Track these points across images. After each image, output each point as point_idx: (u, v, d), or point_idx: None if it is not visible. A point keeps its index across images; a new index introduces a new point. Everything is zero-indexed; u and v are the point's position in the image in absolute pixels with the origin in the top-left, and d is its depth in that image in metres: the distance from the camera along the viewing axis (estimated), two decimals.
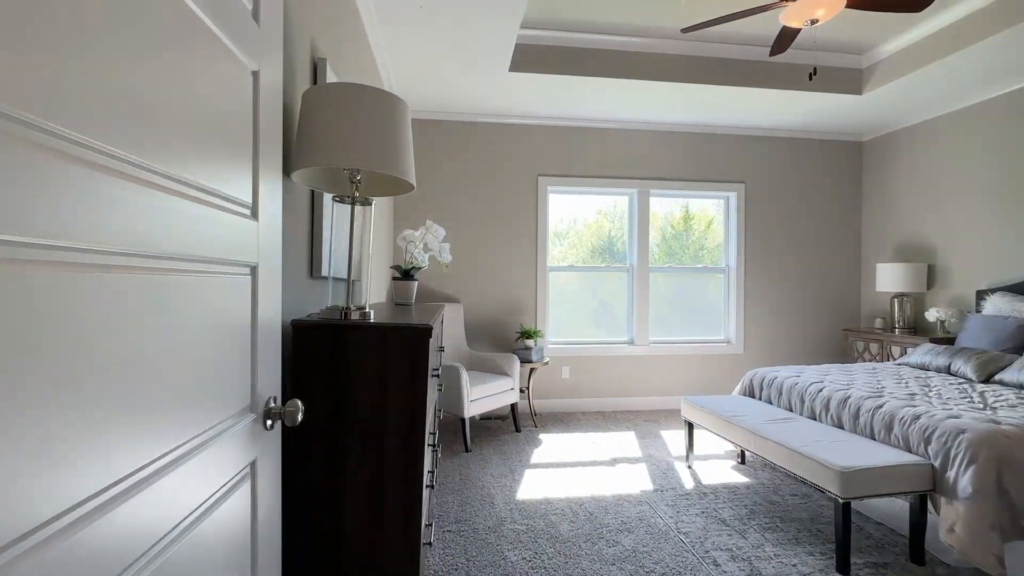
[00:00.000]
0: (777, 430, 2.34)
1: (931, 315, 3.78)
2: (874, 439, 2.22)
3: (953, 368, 2.82)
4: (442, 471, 2.92)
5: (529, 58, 3.32)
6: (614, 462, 3.07)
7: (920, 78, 3.36)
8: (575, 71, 3.36)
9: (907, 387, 2.54)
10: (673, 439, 3.52)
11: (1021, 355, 2.64)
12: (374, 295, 3.20)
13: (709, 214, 4.65)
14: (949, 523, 1.80)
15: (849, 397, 2.41)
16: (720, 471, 2.91)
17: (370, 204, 1.51)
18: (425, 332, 1.34)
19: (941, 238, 3.95)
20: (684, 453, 3.16)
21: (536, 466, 3.01)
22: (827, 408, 2.48)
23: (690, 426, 2.96)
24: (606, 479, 2.81)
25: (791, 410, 2.73)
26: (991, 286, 3.56)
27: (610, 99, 3.78)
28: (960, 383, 2.63)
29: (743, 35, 3.34)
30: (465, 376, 3.19)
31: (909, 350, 3.77)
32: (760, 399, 3.00)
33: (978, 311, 3.50)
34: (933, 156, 4.01)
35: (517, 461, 3.09)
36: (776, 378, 2.90)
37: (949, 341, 3.61)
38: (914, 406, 2.17)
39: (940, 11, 3.00)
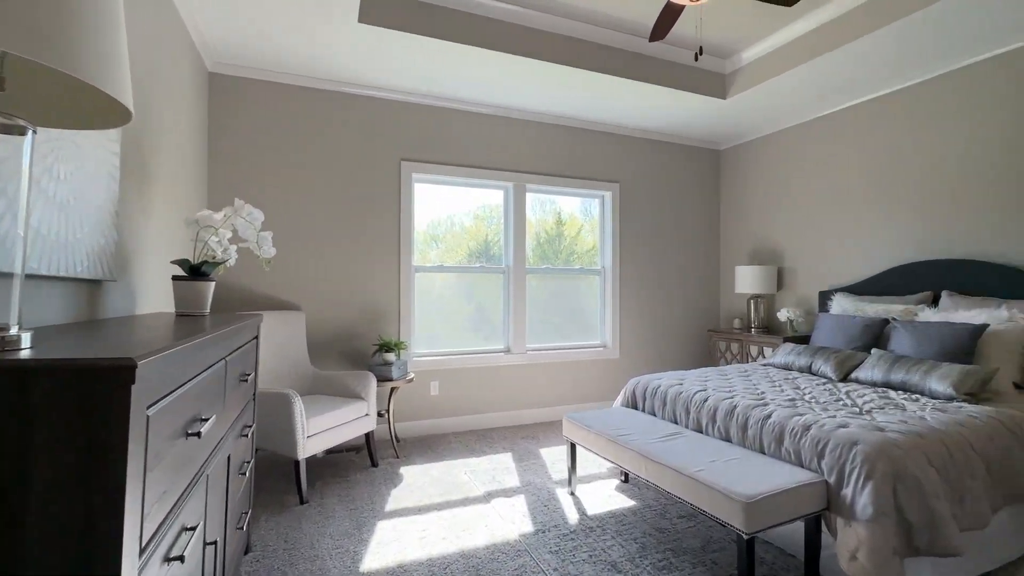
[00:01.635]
0: (668, 450, 2.06)
1: (782, 315, 3.99)
2: (764, 453, 2.04)
3: (814, 368, 2.86)
4: (261, 537, 2.16)
5: (382, 9, 2.71)
6: (488, 497, 2.59)
7: (772, 89, 3.47)
8: (436, 32, 2.83)
9: (783, 391, 2.46)
10: (554, 458, 3.16)
11: (870, 353, 2.75)
12: (158, 302, 2.30)
13: (579, 220, 4.46)
14: (850, 549, 1.62)
15: (736, 407, 2.23)
16: (605, 495, 2.60)
17: (25, 133, 0.81)
18: (117, 373, 0.69)
19: (788, 242, 4.21)
20: (566, 477, 2.80)
21: (392, 514, 2.40)
22: (714, 419, 2.28)
23: (572, 446, 2.61)
24: (479, 522, 2.31)
25: (676, 422, 2.51)
26: (832, 287, 3.84)
27: (480, 76, 3.32)
28: (824, 383, 2.65)
29: (625, 22, 3.13)
30: (299, 406, 2.46)
31: (767, 350, 3.92)
32: (643, 410, 2.76)
33: (822, 311, 3.74)
34: (781, 166, 4.27)
35: (368, 510, 2.44)
36: (659, 387, 2.68)
37: (800, 339, 3.81)
38: (801, 415, 2.03)
39: (794, 21, 3.08)
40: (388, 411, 3.29)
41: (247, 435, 1.78)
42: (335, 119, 3.48)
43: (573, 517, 2.35)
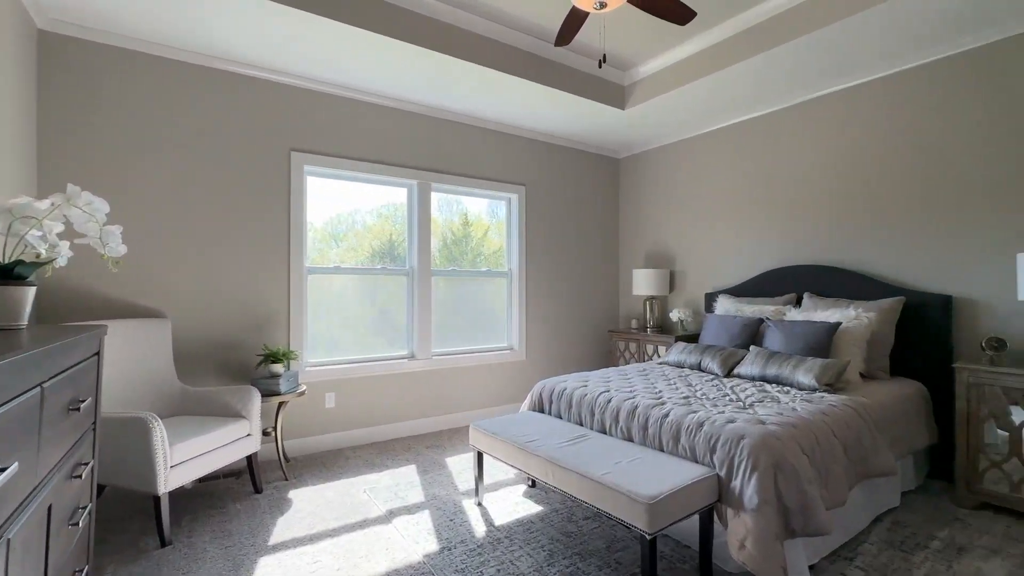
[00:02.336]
0: (575, 454, 2.06)
1: (674, 315, 4.27)
2: (663, 451, 2.12)
3: (703, 365, 3.07)
4: None
5: None
6: (390, 516, 2.42)
7: (664, 103, 3.70)
8: (325, 11, 2.60)
9: (678, 389, 2.60)
10: (461, 467, 3.06)
11: (749, 350, 3.02)
12: None
13: (485, 221, 4.41)
14: (739, 538, 1.72)
15: (636, 407, 2.30)
16: (512, 502, 2.55)
17: None
18: None
19: (679, 247, 4.53)
20: (473, 487, 2.71)
21: (278, 547, 2.13)
22: (617, 420, 2.34)
23: (480, 456, 2.52)
24: (379, 545, 2.14)
25: (582, 424, 2.54)
26: (716, 289, 4.19)
27: (379, 65, 3.12)
28: (712, 379, 2.85)
29: (533, 27, 3.12)
30: (159, 432, 2.09)
31: (662, 348, 4.17)
32: (551, 413, 2.76)
33: (708, 311, 4.07)
34: (672, 176, 4.58)
35: (249, 545, 2.15)
36: (565, 389, 2.70)
37: (690, 338, 4.11)
38: (694, 411, 2.14)
39: (686, 41, 3.30)
40: (276, 429, 2.96)
41: (81, 475, 1.44)
42: (211, 100, 3.05)
43: (480, 530, 2.27)
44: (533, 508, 2.48)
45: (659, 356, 4.17)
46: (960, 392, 2.51)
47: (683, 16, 2.47)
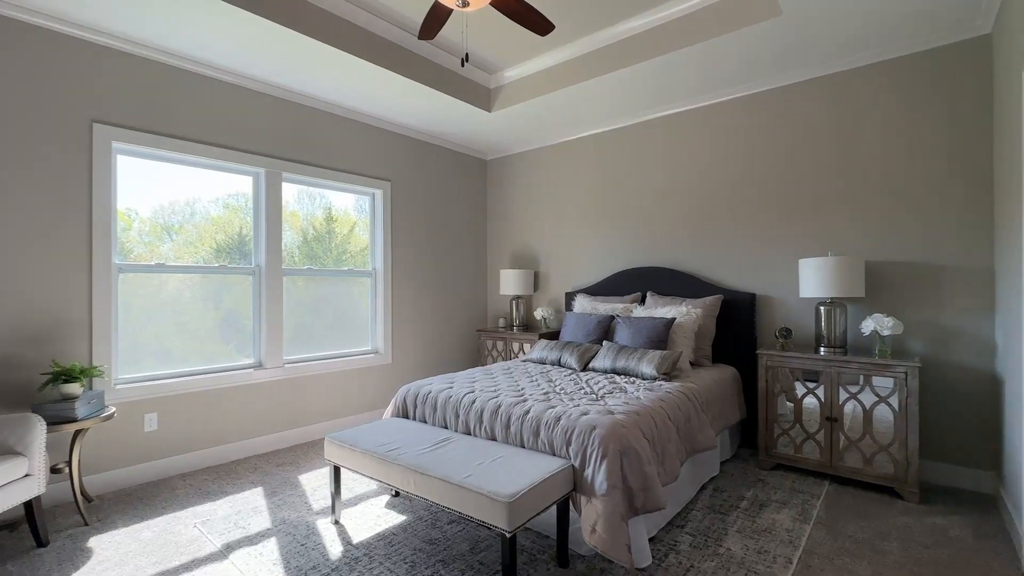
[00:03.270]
0: (437, 459, 2.01)
1: (538, 314, 4.46)
2: (525, 447, 2.18)
3: (563, 361, 3.25)
4: None
5: None
6: (227, 550, 2.11)
7: (527, 110, 3.85)
8: None
9: (539, 385, 2.70)
10: (318, 483, 2.81)
11: (602, 344, 3.27)
12: None
13: (352, 217, 4.16)
14: (591, 523, 1.84)
15: (500, 405, 2.33)
16: (374, 516, 2.41)
17: None
18: None
19: (543, 248, 4.75)
20: (330, 504, 2.51)
21: None
22: (481, 420, 2.34)
23: (336, 470, 2.34)
24: None
25: (447, 427, 2.50)
26: (575, 288, 4.47)
27: (215, 32, 2.73)
28: (570, 373, 3.02)
29: (405, 19, 2.98)
30: None
31: (527, 346, 4.33)
32: (415, 418, 2.67)
33: (568, 309, 4.33)
34: (536, 180, 4.78)
35: None
36: (430, 392, 2.64)
37: (552, 335, 4.32)
38: (552, 407, 2.24)
39: (545, 53, 3.46)
40: (71, 463, 2.40)
41: None
42: None
43: (336, 551, 2.10)
44: (396, 519, 2.37)
45: (524, 354, 4.32)
46: (761, 374, 3.02)
47: (543, 27, 2.57)
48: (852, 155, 3.08)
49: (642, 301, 3.84)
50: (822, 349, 2.90)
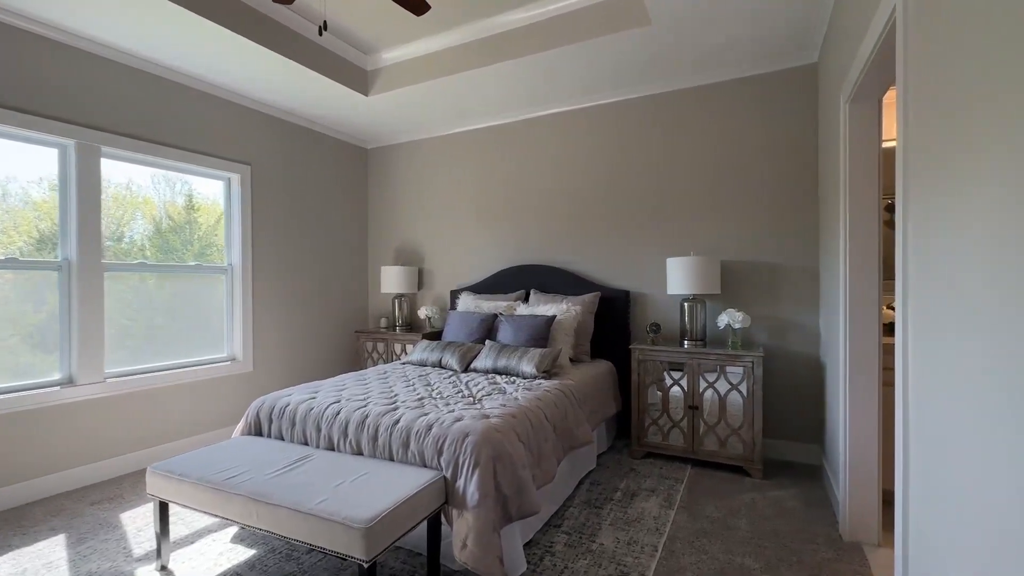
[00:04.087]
0: (288, 484, 1.75)
1: (422, 313, 4.27)
2: (394, 460, 1.99)
3: (444, 362, 3.10)
4: None
5: None
6: None
7: (407, 97, 3.64)
8: None
9: (415, 390, 2.53)
10: (145, 520, 2.34)
11: (485, 344, 3.19)
12: None
13: (220, 206, 3.61)
14: (462, 537, 1.72)
15: (367, 416, 2.11)
16: (215, 553, 2.05)
17: None
18: None
19: (428, 245, 4.55)
20: (155, 548, 2.09)
21: None
22: (346, 433, 2.11)
23: (163, 505, 1.95)
24: None
25: (307, 443, 2.22)
26: (460, 286, 4.35)
27: None
28: (450, 375, 2.89)
29: None
30: None
31: (409, 347, 4.11)
32: (270, 435, 2.34)
33: (453, 308, 4.19)
34: (421, 174, 4.57)
35: None
36: (288, 404, 2.33)
37: (436, 335, 4.15)
38: (425, 413, 2.08)
39: (425, 37, 3.28)
40: None
41: None
42: None
43: None
44: (243, 554, 2.05)
45: (406, 355, 4.10)
46: (634, 367, 3.16)
47: (418, 6, 2.39)
48: (709, 162, 3.35)
49: (526, 299, 3.84)
50: (686, 342, 3.11)
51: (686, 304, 3.14)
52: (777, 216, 3.16)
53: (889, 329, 2.70)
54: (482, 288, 4.09)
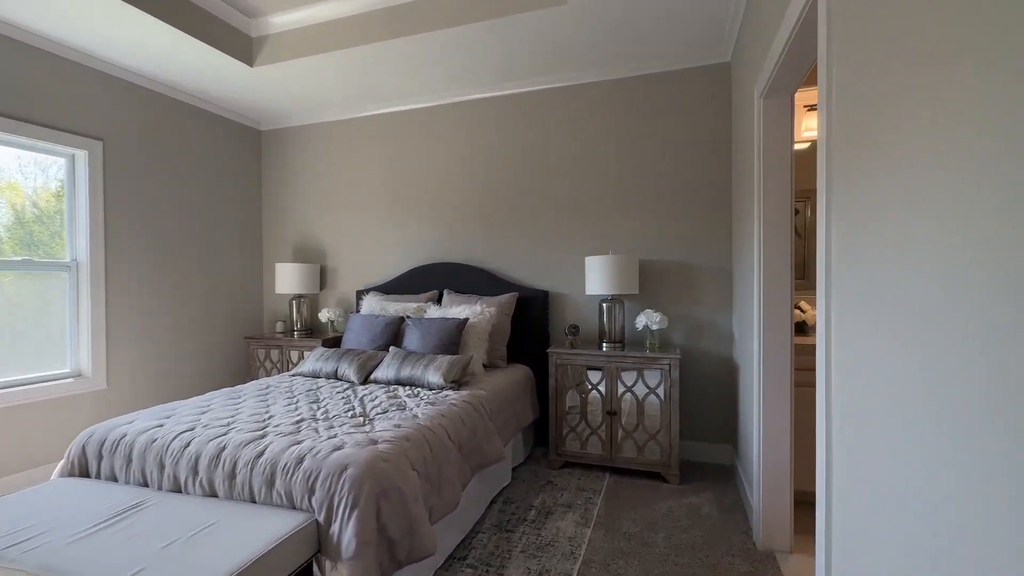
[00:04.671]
0: (98, 547, 1.33)
1: (323, 316, 3.82)
2: (255, 501, 1.62)
3: (340, 372, 2.73)
4: None
5: None
6: None
7: (302, 71, 3.21)
8: None
9: (296, 409, 2.15)
10: None
11: (388, 351, 2.85)
12: None
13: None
14: None
15: (225, 447, 1.72)
16: None
17: None
18: None
19: (332, 240, 4.09)
20: None
21: None
22: (195, 471, 1.70)
23: None
24: None
25: (147, 485, 1.77)
26: (367, 286, 3.95)
27: None
28: (346, 388, 2.53)
29: None
30: None
31: (307, 354, 3.65)
32: (100, 476, 1.86)
33: (358, 311, 3.79)
34: (325, 161, 4.10)
35: None
36: (124, 436, 1.86)
37: (337, 341, 3.73)
38: (299, 442, 1.73)
39: (319, 2, 2.87)
40: None
41: None
42: None
43: None
44: None
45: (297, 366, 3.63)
46: (552, 372, 2.97)
47: None
48: (628, 159, 3.24)
49: (439, 300, 3.54)
50: (604, 344, 2.98)
51: (605, 305, 3.01)
52: (693, 215, 3.12)
53: (799, 328, 2.72)
54: (391, 288, 3.73)
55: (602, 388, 2.88)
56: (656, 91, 3.17)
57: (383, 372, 2.65)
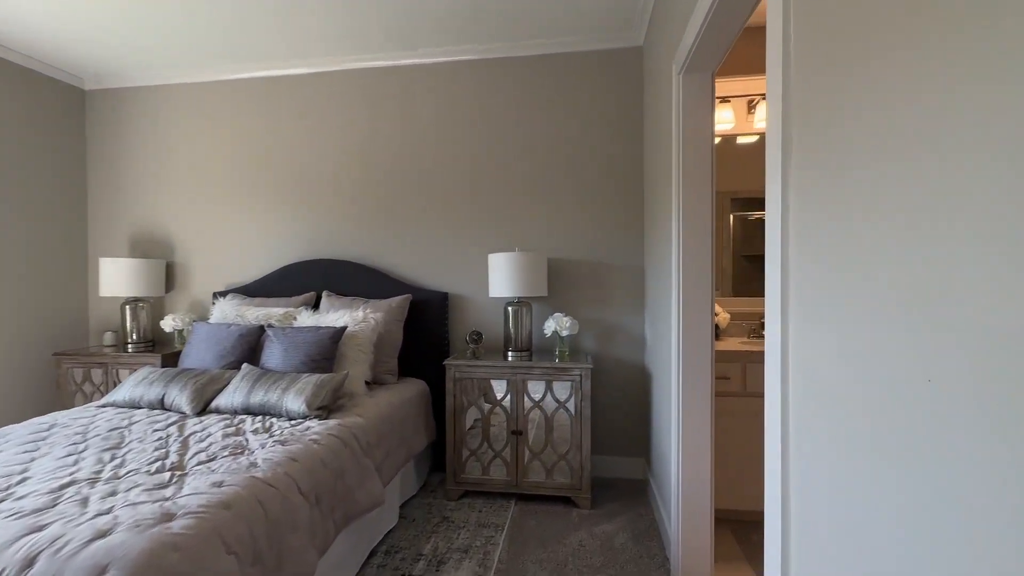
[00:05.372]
0: None
1: (167, 324, 3.07)
2: None
3: (168, 401, 2.09)
4: None
5: None
6: None
7: (139, 5, 2.49)
8: None
9: (76, 463, 1.52)
10: None
11: (239, 371, 2.24)
12: None
13: None
14: None
15: None
16: None
17: None
18: None
19: (182, 231, 3.32)
20: None
21: None
22: None
23: None
24: None
25: None
26: (230, 287, 3.25)
27: None
28: (170, 424, 1.91)
29: None
30: None
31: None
32: None
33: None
34: (172, 132, 3.31)
35: None
36: None
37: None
38: (43, 526, 1.14)
39: None
40: None
41: None
42: None
43: None
44: None
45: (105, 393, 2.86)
46: (449, 387, 2.55)
47: None
48: (537, 146, 2.92)
49: (317, 304, 2.96)
50: (510, 353, 2.62)
51: (510, 308, 2.65)
52: (605, 209, 2.87)
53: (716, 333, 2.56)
54: (257, 290, 3.08)
55: (507, 404, 2.52)
56: (565, 74, 2.88)
57: (227, 399, 2.06)
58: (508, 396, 2.51)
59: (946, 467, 0.54)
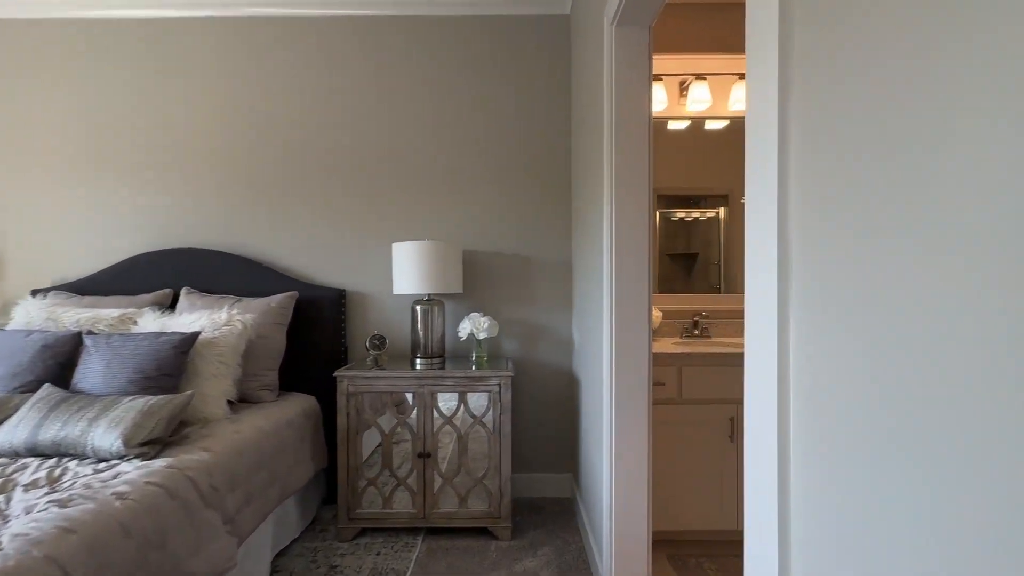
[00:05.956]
0: None
1: None
2: None
3: None
4: None
5: None
6: None
7: None
8: None
9: None
10: None
11: (35, 395, 1.64)
12: None
13: None
14: None
15: None
16: None
17: None
18: None
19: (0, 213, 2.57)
20: None
21: None
22: None
23: None
24: None
25: None
26: (58, 282, 2.55)
27: None
28: None
29: None
30: None
31: None
32: None
33: None
34: None
35: None
36: None
37: None
38: None
39: None
40: None
41: None
42: None
43: None
44: None
45: None
46: (341, 404, 2.09)
47: None
48: (451, 122, 2.53)
49: (174, 303, 2.37)
50: (419, 361, 2.21)
51: (419, 308, 2.24)
52: (528, 196, 2.54)
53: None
54: (94, 286, 2.43)
55: (413, 422, 2.11)
56: (483, 38, 2.52)
57: (5, 435, 1.47)
58: (415, 412, 2.10)
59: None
